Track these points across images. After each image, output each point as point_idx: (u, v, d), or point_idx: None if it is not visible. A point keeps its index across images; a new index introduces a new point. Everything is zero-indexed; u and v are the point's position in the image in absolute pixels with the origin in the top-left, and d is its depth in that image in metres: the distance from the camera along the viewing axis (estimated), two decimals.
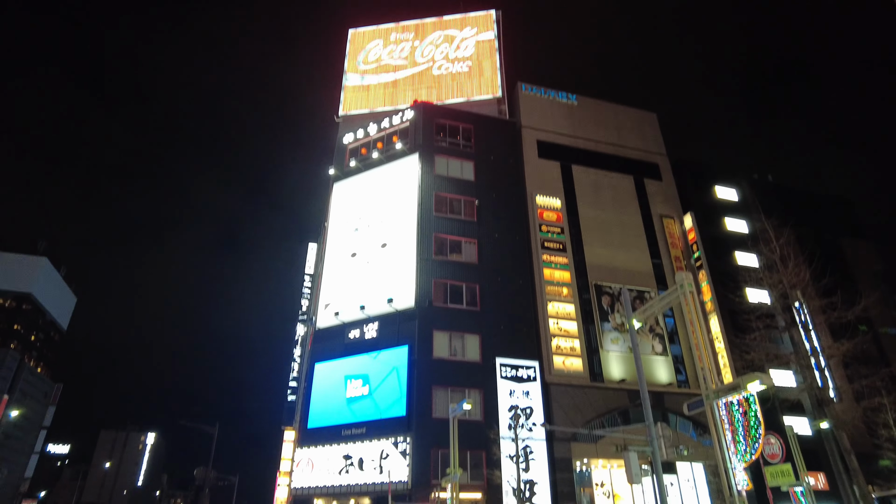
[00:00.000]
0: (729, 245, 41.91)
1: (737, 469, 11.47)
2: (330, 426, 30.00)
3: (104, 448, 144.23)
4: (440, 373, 29.56)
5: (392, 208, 35.55)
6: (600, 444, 31.29)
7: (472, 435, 26.86)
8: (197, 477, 34.88)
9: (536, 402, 29.93)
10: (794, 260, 15.79)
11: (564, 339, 32.61)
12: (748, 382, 11.41)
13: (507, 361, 30.50)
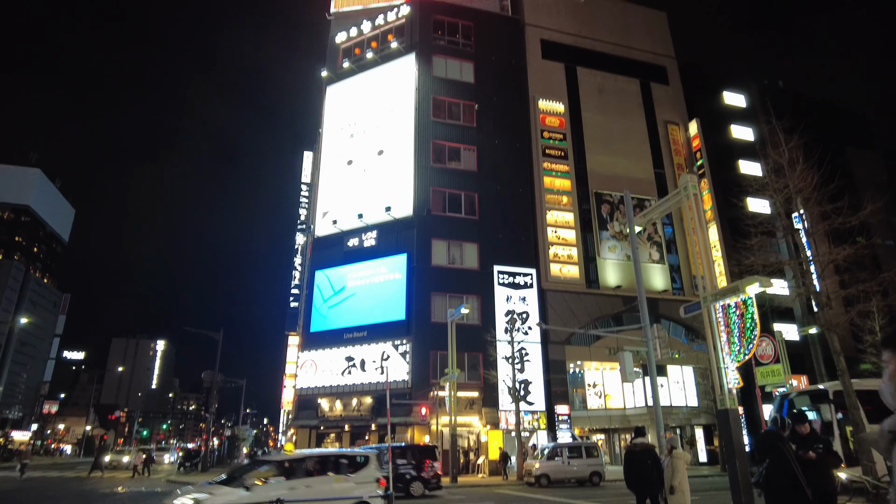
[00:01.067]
0: (733, 153, 41.02)
1: (729, 368, 11.70)
2: (332, 330, 30.77)
3: (117, 354, 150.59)
4: (439, 280, 29.88)
5: (388, 113, 34.31)
6: (594, 347, 32.31)
7: (469, 338, 27.62)
8: (204, 379, 36.15)
9: (533, 307, 30.50)
10: (801, 164, 15.25)
11: (562, 247, 32.68)
12: (747, 285, 11.36)
13: (504, 269, 30.74)
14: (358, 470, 10.73)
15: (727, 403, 11.48)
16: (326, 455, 12.49)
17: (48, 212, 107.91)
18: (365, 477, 10.61)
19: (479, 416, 28.26)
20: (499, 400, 28.12)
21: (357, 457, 11.32)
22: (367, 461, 11.00)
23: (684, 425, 32.93)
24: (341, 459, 10.92)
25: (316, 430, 30.41)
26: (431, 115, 33.32)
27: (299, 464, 10.50)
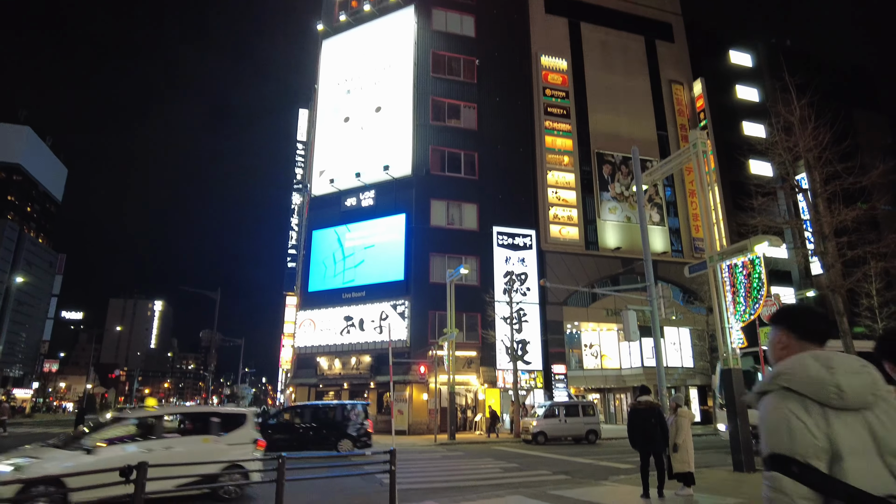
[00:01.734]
0: (737, 114, 40.35)
1: (733, 328, 11.60)
2: (330, 290, 30.68)
3: (115, 314, 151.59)
4: (437, 241, 29.63)
5: (386, 68, 33.34)
6: (591, 308, 32.39)
7: (468, 298, 27.56)
8: (203, 338, 36.29)
9: (532, 268, 30.38)
10: (813, 123, 14.82)
11: (562, 208, 32.35)
12: (756, 244, 11.15)
13: (504, 230, 30.47)
14: (232, 430, 9.46)
15: (731, 363, 11.42)
16: (194, 413, 11.22)
17: (40, 170, 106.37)
18: (240, 438, 9.41)
19: (477, 374, 28.49)
20: (496, 359, 28.30)
21: (232, 415, 10.01)
22: (243, 420, 9.77)
23: (679, 386, 33.32)
24: (212, 418, 9.70)
25: (315, 388, 30.66)
26: (431, 71, 32.41)
27: (160, 422, 9.22)
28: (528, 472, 12.47)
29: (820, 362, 1.66)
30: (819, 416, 1.58)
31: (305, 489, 9.60)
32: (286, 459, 7.44)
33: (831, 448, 1.53)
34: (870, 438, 1.56)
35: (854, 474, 1.48)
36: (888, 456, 1.54)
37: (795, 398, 1.62)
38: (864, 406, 1.60)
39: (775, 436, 1.60)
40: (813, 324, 1.87)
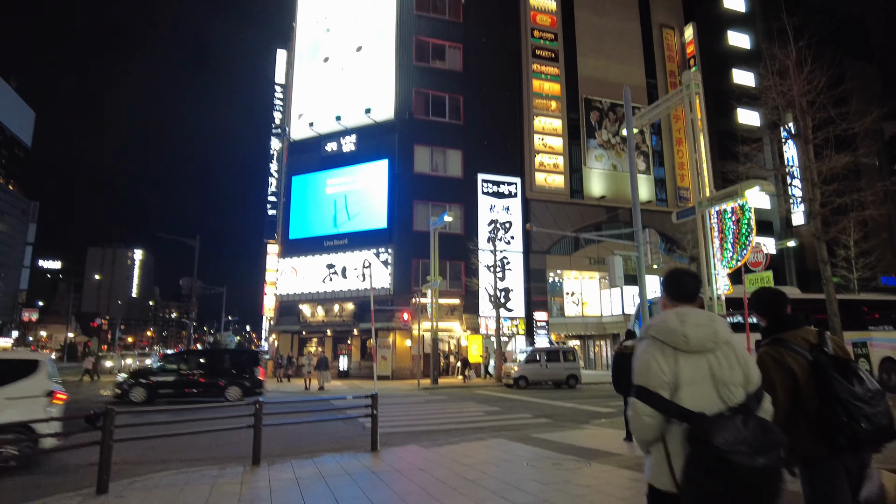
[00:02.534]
0: (728, 61, 39.56)
1: (719, 275, 11.50)
2: (311, 237, 30.17)
3: (94, 263, 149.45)
4: (421, 187, 29.06)
5: (367, 4, 31.73)
6: (574, 256, 32.42)
7: (451, 247, 27.32)
8: (183, 286, 35.74)
9: (516, 216, 30.11)
10: (808, 66, 14.35)
11: (548, 155, 31.80)
12: (747, 189, 10.90)
13: (489, 177, 29.96)
14: (17, 380, 7.53)
15: (715, 310, 11.35)
16: None
17: (5, 114, 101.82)
18: (27, 390, 7.48)
19: (460, 321, 28.61)
20: (479, 307, 28.38)
21: (15, 361, 7.94)
22: (34, 368, 7.74)
23: None
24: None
25: (298, 335, 30.62)
26: (415, 8, 30.93)
27: None
28: (510, 416, 12.54)
29: (678, 317, 2.15)
30: (671, 357, 2.09)
31: (283, 435, 9.49)
32: (262, 405, 7.27)
33: (675, 381, 2.05)
34: (708, 373, 2.07)
35: (687, 399, 2.02)
36: (720, 386, 2.06)
37: (658, 344, 2.13)
38: (705, 350, 2.10)
39: (639, 372, 2.14)
40: (679, 288, 2.35)
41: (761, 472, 1.90)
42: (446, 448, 8.05)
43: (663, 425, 2.06)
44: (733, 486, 1.89)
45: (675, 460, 2.04)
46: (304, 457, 7.47)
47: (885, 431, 2.35)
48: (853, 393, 2.36)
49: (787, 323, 2.68)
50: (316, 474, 6.32)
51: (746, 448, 1.89)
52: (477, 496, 5.19)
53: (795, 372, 2.49)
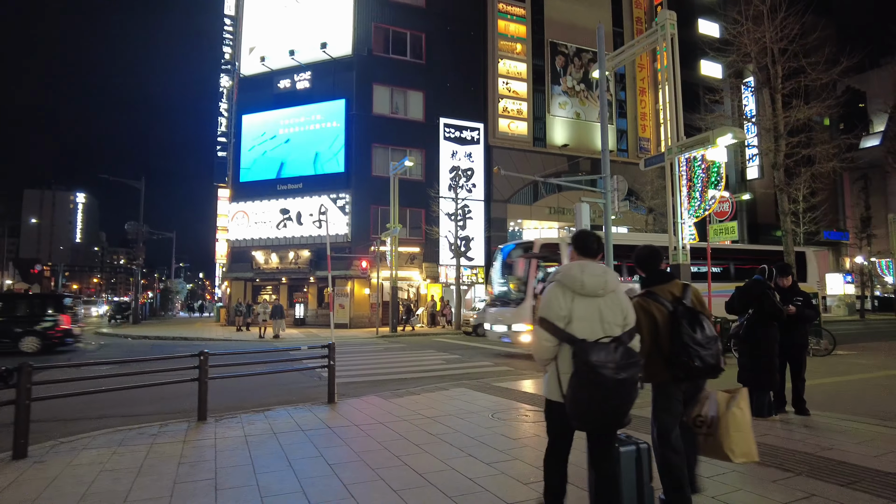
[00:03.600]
0: (694, 11, 39.01)
1: (685, 224, 11.35)
2: (263, 180, 28.77)
3: (32, 207, 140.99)
4: (380, 130, 27.89)
5: None
6: (535, 206, 32.23)
7: (412, 193, 26.59)
8: (128, 231, 33.87)
9: (478, 164, 29.46)
10: (783, 12, 13.99)
11: (512, 100, 30.96)
12: (719, 136, 10.61)
13: (451, 122, 29.01)
14: None
15: (679, 258, 11.26)
16: None
17: None
18: None
19: (420, 270, 28.25)
20: (440, 255, 28.03)
21: None
22: None
23: None
24: None
25: (251, 282, 29.66)
26: None
27: None
28: (470, 364, 12.36)
29: (580, 268, 2.82)
30: (570, 297, 2.78)
31: (234, 387, 8.97)
32: (209, 356, 6.68)
33: (569, 315, 2.77)
34: (597, 312, 2.77)
35: (577, 329, 2.74)
36: (604, 323, 2.77)
37: (561, 287, 2.81)
38: (596, 294, 2.79)
39: (543, 306, 2.83)
40: (584, 246, 2.98)
41: (621, 382, 2.61)
42: (407, 399, 7.71)
43: (557, 348, 2.77)
44: (601, 392, 2.61)
45: (563, 377, 2.75)
46: (255, 411, 6.99)
47: (712, 369, 3.12)
48: (694, 339, 3.05)
49: (658, 278, 3.34)
50: (267, 430, 5.86)
51: (613, 366, 2.60)
52: (443, 453, 4.84)
53: (657, 318, 3.18)
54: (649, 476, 3.16)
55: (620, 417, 2.76)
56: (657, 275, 3.39)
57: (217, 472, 4.38)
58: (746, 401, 3.29)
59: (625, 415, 2.76)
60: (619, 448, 3.03)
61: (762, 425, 5.60)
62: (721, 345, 3.21)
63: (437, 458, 4.69)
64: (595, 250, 2.99)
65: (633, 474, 3.06)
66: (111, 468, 4.52)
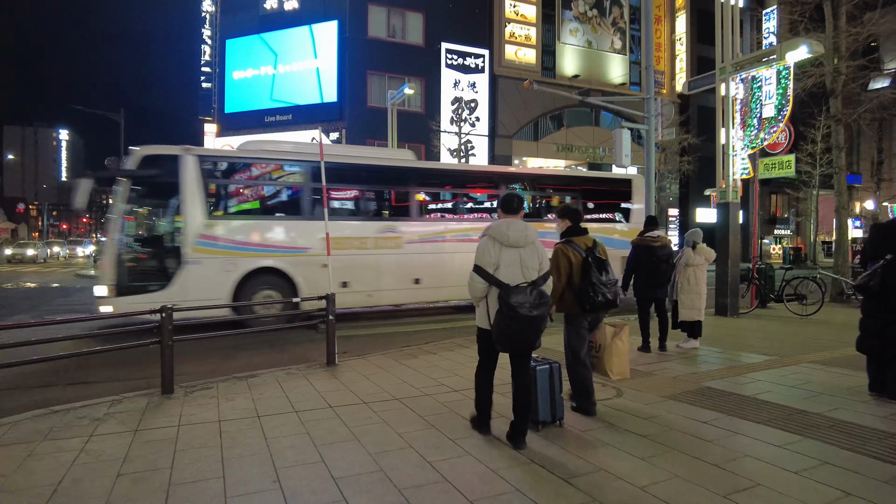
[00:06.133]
0: None
1: (738, 156, 9.76)
2: (250, 111, 26.56)
3: (13, 143, 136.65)
4: (376, 56, 25.50)
5: None
6: (541, 143, 30.30)
7: (410, 127, 24.56)
8: (109, 166, 31.41)
9: (483, 95, 27.28)
10: None
11: (520, 25, 28.40)
12: (788, 50, 8.86)
13: (453, 47, 26.57)
14: None
15: (729, 196, 9.76)
16: None
17: None
18: None
19: None
20: None
21: None
22: None
23: None
24: None
25: None
26: None
27: None
28: None
29: (506, 224, 3.54)
30: (498, 248, 3.49)
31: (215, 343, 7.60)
32: (171, 311, 5.23)
33: (497, 263, 3.47)
34: (518, 260, 3.49)
35: (503, 275, 3.45)
36: (524, 268, 3.50)
37: (492, 240, 3.52)
38: (519, 245, 3.50)
39: (477, 256, 3.55)
40: (508, 206, 3.68)
41: (534, 318, 3.37)
42: (423, 360, 6.37)
43: (487, 289, 3.49)
44: (518, 324, 3.34)
45: (491, 311, 3.48)
46: (237, 377, 5.62)
47: (610, 303, 4.10)
48: (599, 279, 4.02)
49: (578, 231, 4.27)
50: (249, 411, 4.48)
51: (528, 305, 3.34)
52: (494, 458, 3.48)
53: (573, 262, 4.09)
54: (560, 388, 3.98)
55: (532, 343, 3.48)
56: (578, 228, 4.26)
57: (169, 496, 2.99)
58: (627, 335, 4.66)
59: (536, 340, 3.48)
60: (537, 367, 3.87)
61: (890, 408, 4.28)
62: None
63: (490, 469, 3.32)
64: (516, 209, 3.66)
65: (547, 386, 3.89)
66: (9, 488, 3.12)
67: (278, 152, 9.92)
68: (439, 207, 11.33)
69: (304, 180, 9.67)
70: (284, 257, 9.18)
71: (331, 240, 7.34)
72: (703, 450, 3.51)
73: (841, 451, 3.43)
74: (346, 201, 10.36)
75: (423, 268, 10.19)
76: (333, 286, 7.53)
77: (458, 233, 10.57)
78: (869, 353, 4.60)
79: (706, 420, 4.09)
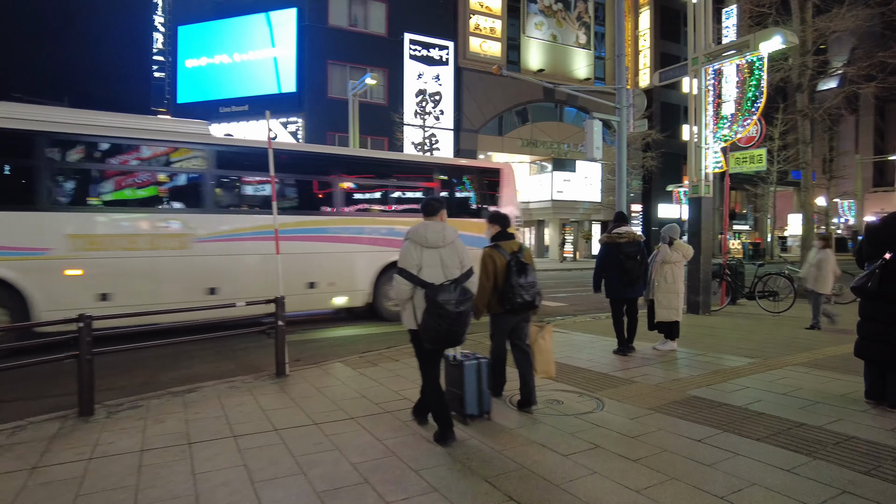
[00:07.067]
0: None
1: (710, 149, 9.51)
2: (204, 101, 25.29)
3: None
4: (337, 45, 24.63)
5: None
6: (506, 137, 30.01)
7: (373, 119, 23.83)
8: None
9: (447, 87, 26.75)
10: None
11: (485, 17, 27.96)
12: (762, 40, 8.63)
13: (417, 38, 25.93)
14: None
15: (701, 191, 9.50)
16: None
17: None
18: None
19: None
20: None
21: None
22: None
23: (583, 220, 33.26)
24: None
25: None
26: None
27: None
28: None
29: (424, 227, 3.68)
30: (419, 250, 3.63)
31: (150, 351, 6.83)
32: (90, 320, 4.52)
33: (420, 264, 3.60)
34: (439, 260, 3.63)
35: (426, 275, 3.58)
36: (445, 268, 3.63)
37: (413, 243, 3.66)
38: (438, 246, 3.64)
39: (400, 258, 3.66)
40: (427, 210, 3.81)
41: (459, 314, 3.50)
42: (384, 368, 5.81)
43: (413, 290, 3.59)
44: (446, 321, 3.46)
45: (418, 311, 3.58)
46: (172, 393, 4.94)
47: (529, 304, 4.25)
48: (519, 283, 4.18)
49: (506, 236, 4.40)
50: (179, 437, 3.84)
51: (454, 302, 3.48)
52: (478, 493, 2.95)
53: (498, 264, 4.27)
54: (487, 383, 4.13)
55: (459, 337, 3.62)
56: (505, 233, 4.42)
57: None
58: (551, 334, 4.63)
59: (462, 335, 3.63)
60: (465, 363, 4.05)
61: (894, 419, 3.96)
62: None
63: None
64: (433, 212, 3.83)
65: (474, 380, 4.06)
66: None
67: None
68: (240, 197, 8.81)
69: (38, 154, 7.04)
70: (10, 262, 6.77)
71: (85, 238, 6.45)
72: (703, 477, 3.07)
73: (857, 476, 3.04)
74: (106, 183, 7.67)
75: (220, 273, 8.01)
76: (88, 299, 6.73)
77: (266, 229, 8.18)
78: (869, 359, 4.27)
79: (701, 438, 3.67)
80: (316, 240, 8.79)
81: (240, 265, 8.16)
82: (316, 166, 9.30)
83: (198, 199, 8.06)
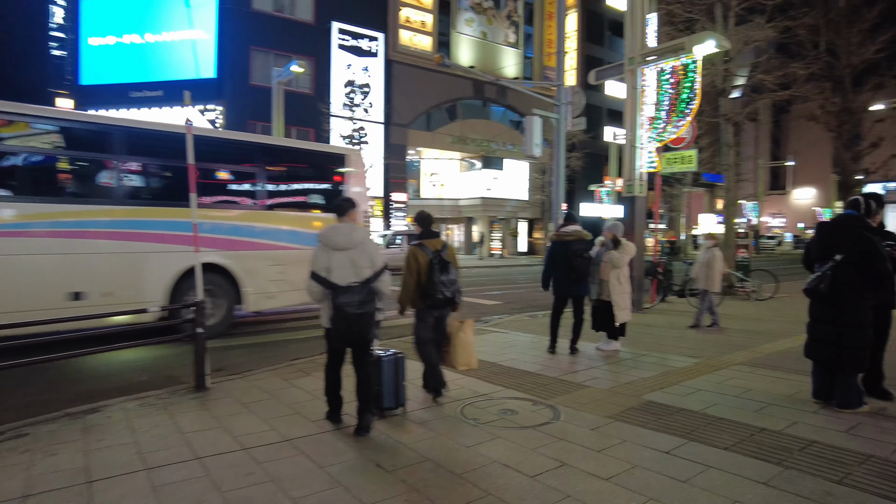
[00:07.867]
0: None
1: (644, 149, 9.63)
2: (112, 84, 23.20)
3: None
4: (261, 31, 23.35)
5: None
6: (437, 133, 29.76)
7: (299, 109, 22.82)
8: None
9: (376, 79, 26.08)
10: None
11: (416, 10, 27.52)
12: (696, 43, 8.81)
13: (346, 28, 25.10)
14: None
15: (635, 190, 9.61)
16: None
17: None
18: None
19: None
20: None
21: None
22: None
23: (510, 218, 33.67)
24: None
25: None
26: None
27: None
28: None
29: (333, 229, 3.81)
30: (328, 252, 3.75)
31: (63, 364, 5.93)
32: None
33: (329, 266, 3.73)
34: (349, 262, 3.74)
35: (336, 277, 3.71)
36: (356, 268, 3.74)
37: (323, 245, 3.80)
38: (347, 248, 3.75)
39: (311, 261, 3.81)
40: (340, 210, 4.00)
41: (361, 315, 3.67)
42: (317, 377, 5.26)
43: (324, 291, 3.74)
44: (346, 321, 3.65)
45: (329, 310, 3.74)
46: (70, 415, 4.21)
47: (449, 301, 4.47)
48: (441, 280, 4.36)
49: (430, 234, 4.55)
50: (75, 475, 3.19)
51: (356, 304, 3.64)
52: None
53: (421, 263, 4.39)
54: (403, 375, 4.30)
55: (364, 337, 3.80)
56: (429, 232, 4.59)
57: None
58: (471, 328, 4.75)
59: (367, 335, 3.81)
60: (383, 357, 4.18)
61: (846, 420, 3.97)
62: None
63: None
64: (343, 212, 4.00)
65: (392, 373, 4.21)
66: None
67: None
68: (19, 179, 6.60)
69: None
70: None
71: None
72: (683, 496, 2.86)
73: (832, 486, 2.94)
74: None
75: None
76: None
77: (55, 218, 6.52)
78: (819, 360, 4.28)
79: (668, 449, 3.48)
80: (81, 236, 6.71)
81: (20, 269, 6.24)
82: (84, 140, 7.06)
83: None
